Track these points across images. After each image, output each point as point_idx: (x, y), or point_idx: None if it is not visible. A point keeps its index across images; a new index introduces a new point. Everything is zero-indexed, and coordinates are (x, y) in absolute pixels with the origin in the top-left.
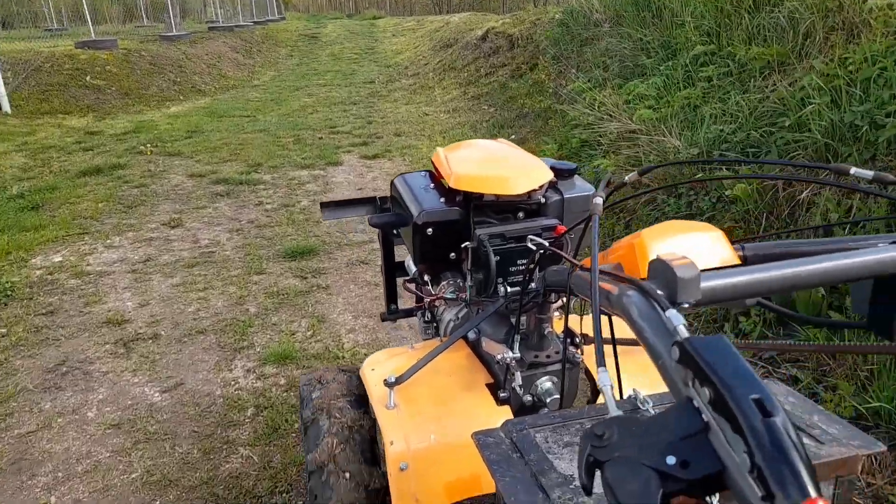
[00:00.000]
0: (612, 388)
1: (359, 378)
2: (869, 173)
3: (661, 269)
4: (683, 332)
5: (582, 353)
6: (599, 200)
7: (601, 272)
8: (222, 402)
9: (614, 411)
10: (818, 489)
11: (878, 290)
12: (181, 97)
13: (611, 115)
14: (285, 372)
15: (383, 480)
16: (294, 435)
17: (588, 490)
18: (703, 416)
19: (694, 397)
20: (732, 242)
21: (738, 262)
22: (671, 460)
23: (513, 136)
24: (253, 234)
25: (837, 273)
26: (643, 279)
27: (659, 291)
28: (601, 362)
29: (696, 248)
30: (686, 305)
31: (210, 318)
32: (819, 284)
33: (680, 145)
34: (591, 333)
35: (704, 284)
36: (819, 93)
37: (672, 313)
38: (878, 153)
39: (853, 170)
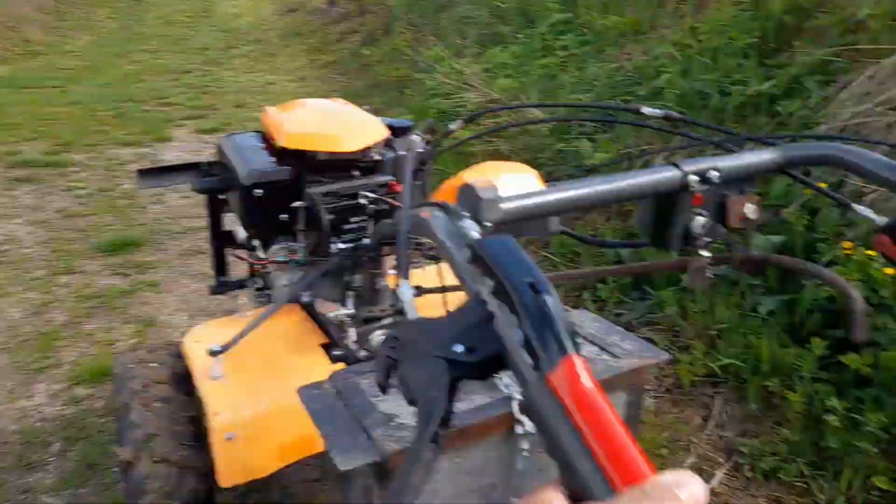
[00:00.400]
0: (410, 292)
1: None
2: (659, 112)
3: (466, 192)
4: (474, 236)
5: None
6: (416, 138)
7: (425, 202)
8: (18, 438)
9: (413, 316)
10: (577, 347)
11: (657, 207)
12: None
13: (470, 85)
14: (103, 392)
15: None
16: (116, 471)
17: (384, 388)
18: (489, 306)
19: (481, 291)
20: (546, 181)
21: None
22: (459, 348)
23: (366, 107)
24: (61, 227)
25: (621, 191)
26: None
27: (465, 213)
28: (404, 275)
29: (512, 185)
30: (489, 224)
31: (2, 334)
32: (606, 202)
33: (539, 114)
34: (424, 284)
35: (504, 205)
36: (672, 62)
37: (468, 223)
38: (725, 120)
39: (644, 109)
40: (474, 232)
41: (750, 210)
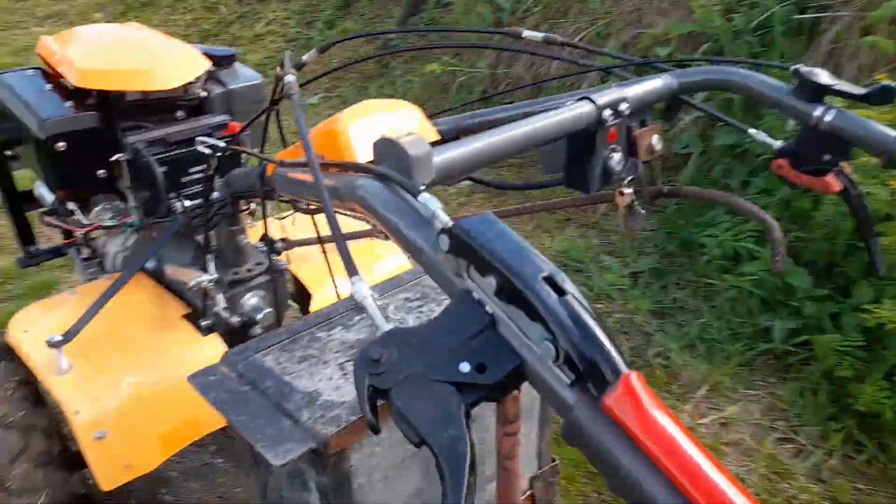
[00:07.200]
0: (372, 298)
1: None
2: (539, 35)
3: (388, 149)
4: (444, 218)
5: (285, 259)
6: (292, 78)
7: (335, 163)
8: None
9: (384, 326)
10: (626, 362)
11: (572, 147)
12: None
13: None
14: None
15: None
16: None
17: (376, 428)
18: (487, 307)
19: (473, 289)
20: (428, 117)
21: (437, 137)
22: (465, 367)
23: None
24: None
25: (540, 134)
26: (371, 163)
27: (394, 175)
28: (353, 270)
29: (398, 126)
30: (423, 187)
31: None
32: (529, 146)
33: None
34: (290, 237)
35: (435, 160)
36: None
37: (426, 198)
38: None
39: (525, 33)
40: (440, 211)
41: (656, 141)
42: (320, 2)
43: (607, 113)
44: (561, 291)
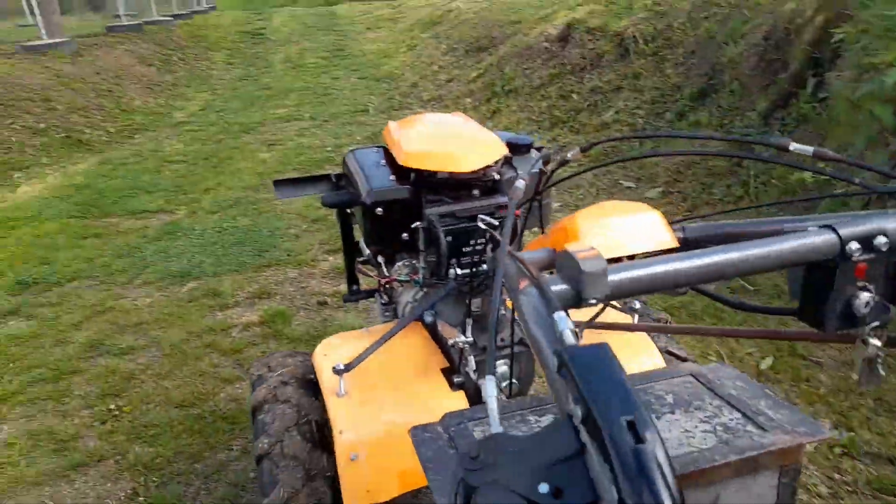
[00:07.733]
0: (495, 399)
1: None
2: (809, 149)
3: (567, 262)
4: (568, 339)
5: None
6: (521, 185)
7: (522, 261)
8: None
9: (495, 428)
10: None
11: (809, 277)
12: (44, 159)
13: None
14: None
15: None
16: None
17: None
18: (581, 435)
19: (574, 414)
20: (672, 223)
21: (675, 244)
22: (544, 488)
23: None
24: None
25: (761, 262)
26: (550, 273)
27: (563, 286)
28: (490, 369)
29: (632, 230)
30: (593, 301)
31: None
32: (740, 274)
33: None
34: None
35: (613, 277)
36: None
37: (559, 316)
38: None
39: (792, 146)
40: (568, 332)
41: None
42: (675, 92)
43: (854, 246)
44: (640, 440)
